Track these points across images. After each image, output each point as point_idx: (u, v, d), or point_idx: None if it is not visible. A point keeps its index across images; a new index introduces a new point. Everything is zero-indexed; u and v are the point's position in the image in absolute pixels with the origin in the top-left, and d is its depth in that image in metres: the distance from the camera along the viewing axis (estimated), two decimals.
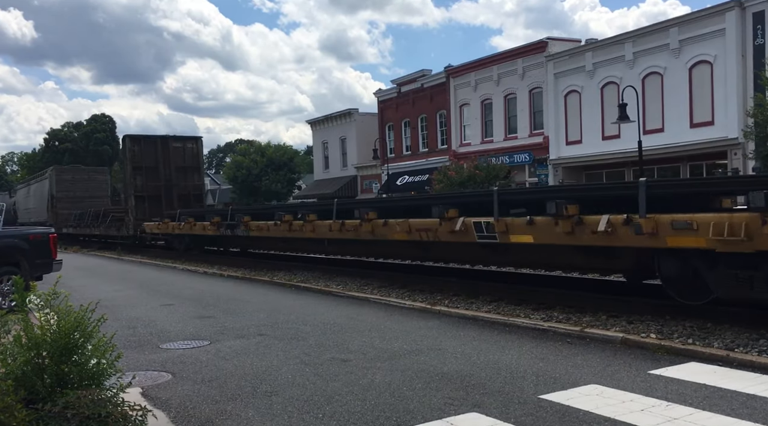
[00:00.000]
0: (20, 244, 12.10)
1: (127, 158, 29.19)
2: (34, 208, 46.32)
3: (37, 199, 45.18)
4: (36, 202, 45.64)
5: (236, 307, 11.33)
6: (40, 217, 42.87)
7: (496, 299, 10.39)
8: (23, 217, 50.19)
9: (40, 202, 44.06)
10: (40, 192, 43.82)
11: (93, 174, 44.18)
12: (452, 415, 5.05)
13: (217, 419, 5.23)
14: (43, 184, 43.45)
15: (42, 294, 4.67)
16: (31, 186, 49.02)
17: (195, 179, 30.40)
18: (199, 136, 31.51)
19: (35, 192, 46.31)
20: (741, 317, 7.76)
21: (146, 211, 27.72)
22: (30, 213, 47.75)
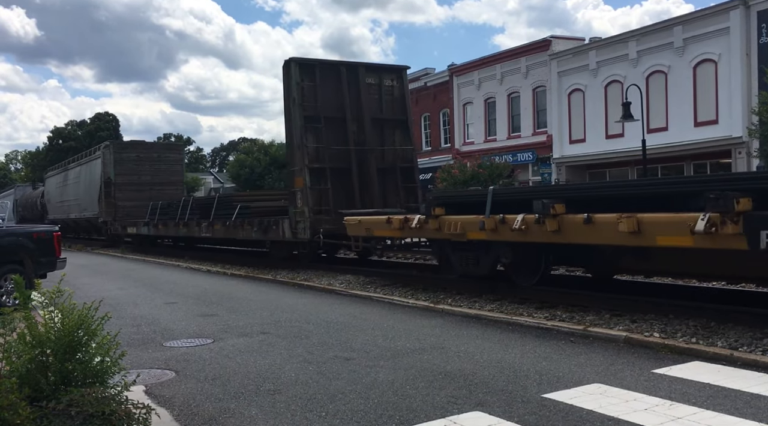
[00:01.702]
0: (24, 243, 12.13)
1: (293, 100, 16.11)
2: (77, 199, 35.60)
3: (83, 187, 34.44)
4: (81, 192, 34.90)
5: (239, 306, 11.34)
6: (87, 211, 33.32)
7: (499, 298, 10.38)
8: (57, 213, 39.35)
9: (87, 192, 33.45)
10: (88, 177, 33.58)
11: (164, 152, 33.37)
12: (455, 414, 5.05)
13: (220, 417, 5.23)
14: (93, 166, 32.73)
15: (46, 292, 4.68)
16: (70, 171, 37.85)
17: (400, 140, 17.57)
18: (404, 65, 18.33)
19: (79, 178, 35.47)
20: (745, 316, 7.74)
21: (327, 198, 16.00)
22: (69, 207, 37.24)
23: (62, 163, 41.67)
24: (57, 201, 40.32)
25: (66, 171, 38.97)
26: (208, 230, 20.87)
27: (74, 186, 36.27)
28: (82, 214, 34.52)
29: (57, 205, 40.23)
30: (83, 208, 34.07)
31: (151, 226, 25.94)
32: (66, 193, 38.39)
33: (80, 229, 38.10)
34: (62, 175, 39.84)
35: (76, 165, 36.43)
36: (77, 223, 36.90)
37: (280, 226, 16.65)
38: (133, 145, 32.93)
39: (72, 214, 36.70)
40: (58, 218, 38.42)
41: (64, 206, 38.40)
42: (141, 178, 31.09)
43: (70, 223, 37.67)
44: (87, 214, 33.49)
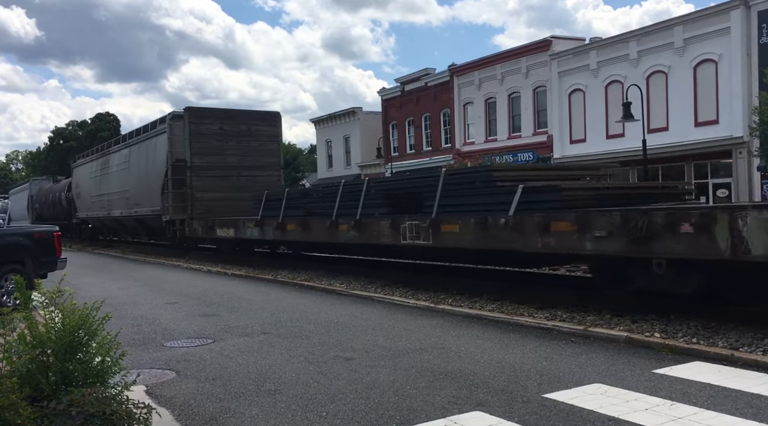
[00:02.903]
0: (25, 243, 12.14)
1: None
2: (124, 191, 26.89)
3: (136, 174, 25.84)
4: (131, 181, 26.25)
5: (240, 306, 11.34)
6: (141, 207, 24.84)
7: (499, 298, 10.38)
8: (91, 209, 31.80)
9: (142, 181, 24.88)
10: (144, 162, 25.04)
11: (256, 123, 23.53)
12: (456, 414, 5.05)
13: (221, 417, 5.23)
14: (153, 146, 24.10)
15: (46, 292, 4.68)
16: (112, 155, 29.00)
17: None
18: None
19: (128, 163, 26.86)
20: (745, 316, 7.75)
21: None
22: (112, 201, 28.41)
23: (100, 147, 32.01)
24: (92, 195, 31.70)
25: (106, 156, 29.88)
26: (494, 231, 9.95)
27: (120, 174, 27.51)
28: (132, 210, 26.06)
29: (91, 200, 31.68)
30: (135, 202, 25.69)
31: (272, 227, 16.76)
32: (106, 184, 29.42)
33: (126, 231, 30.14)
34: (100, 161, 30.60)
35: (124, 146, 27.55)
36: (122, 223, 28.97)
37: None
38: (214, 114, 23.40)
39: (116, 210, 28.04)
40: (91, 216, 32.31)
41: (103, 201, 29.79)
42: (226, 160, 22.49)
43: (111, 223, 30.85)
44: (142, 210, 24.91)
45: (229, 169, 22.66)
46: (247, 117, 23.89)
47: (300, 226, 15.51)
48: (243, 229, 18.45)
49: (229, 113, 23.95)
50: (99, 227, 34.72)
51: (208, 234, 21.09)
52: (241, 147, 22.95)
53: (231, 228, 19.37)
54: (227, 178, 22.58)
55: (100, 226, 33.44)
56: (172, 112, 23.61)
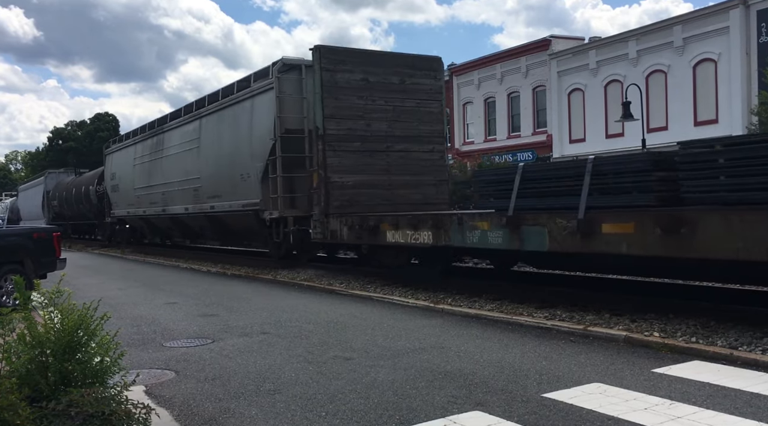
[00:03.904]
0: (24, 243, 12.14)
1: None
2: (193, 179, 20.30)
3: (213, 155, 19.19)
4: (207, 164, 19.64)
5: (239, 306, 11.34)
6: (223, 199, 18.52)
7: (499, 298, 10.38)
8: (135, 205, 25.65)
9: (224, 165, 18.53)
10: (228, 135, 18.51)
11: (411, 74, 15.82)
12: (455, 414, 5.05)
13: (220, 417, 5.23)
14: (246, 110, 17.61)
15: (46, 292, 4.67)
16: (168, 133, 22.58)
17: None
18: None
19: (198, 141, 20.19)
20: (745, 315, 7.75)
21: None
22: (169, 195, 22.21)
23: (149, 125, 24.48)
24: (136, 187, 25.02)
25: (158, 135, 23.12)
26: None
27: (185, 157, 20.62)
28: (206, 205, 19.33)
29: (135, 194, 25.04)
30: (211, 193, 19.02)
31: (556, 229, 8.90)
32: (159, 171, 22.84)
33: (190, 233, 23.61)
34: (149, 143, 23.98)
35: (191, 118, 20.52)
36: (184, 222, 22.14)
37: None
38: (354, 56, 15.41)
39: (176, 206, 21.55)
40: (134, 214, 25.75)
41: (154, 194, 23.31)
42: (371, 128, 15.01)
43: (164, 223, 24.04)
44: (222, 204, 18.33)
45: (375, 141, 14.79)
46: (398, 63, 15.69)
47: (655, 227, 7.67)
48: (459, 231, 10.63)
49: (373, 57, 15.75)
50: (143, 228, 27.41)
51: (361, 238, 13.44)
52: (391, 108, 15.12)
53: (425, 229, 11.53)
54: (373, 155, 14.82)
55: (145, 226, 26.56)
56: (280, 59, 16.23)
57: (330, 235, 14.30)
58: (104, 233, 32.94)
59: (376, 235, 12.83)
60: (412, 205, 14.57)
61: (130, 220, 28.28)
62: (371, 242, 13.39)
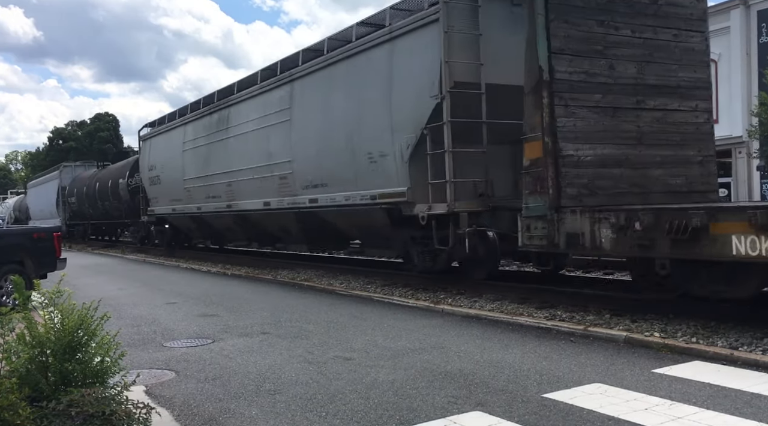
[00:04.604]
0: (24, 243, 12.14)
1: None
2: (275, 166, 15.74)
3: (320, 129, 13.99)
4: (306, 144, 14.56)
5: (240, 306, 11.34)
6: (342, 188, 13.33)
7: (499, 298, 10.37)
8: (182, 200, 21.26)
9: (339, 142, 13.33)
10: (350, 98, 13.15)
11: None
12: (456, 414, 5.05)
13: (220, 417, 5.23)
14: (384, 59, 12.19)
15: (46, 292, 4.67)
16: (234, 106, 17.87)
17: None
18: None
19: (292, 110, 15.03)
20: (745, 316, 7.74)
21: None
22: (234, 185, 17.90)
23: (206, 99, 19.55)
24: (186, 177, 20.52)
25: (218, 111, 18.31)
26: None
27: (265, 136, 16.06)
28: (301, 199, 14.73)
29: (185, 187, 20.56)
30: (309, 182, 14.44)
31: None
32: (223, 156, 18.12)
33: (259, 234, 18.75)
34: (203, 122, 19.34)
35: (279, 82, 15.55)
36: (258, 223, 17.55)
37: None
38: None
39: (250, 199, 16.92)
40: (181, 211, 21.11)
41: (214, 186, 18.65)
42: (615, 71, 9.42)
43: (223, 224, 19.68)
44: (334, 195, 13.64)
45: (620, 93, 9.57)
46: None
47: None
48: None
49: None
50: (190, 229, 22.44)
51: (654, 248, 7.84)
52: (640, 41, 9.75)
53: None
54: (617, 114, 9.49)
55: (195, 227, 21.61)
56: None
57: (565, 242, 8.80)
58: (136, 235, 28.65)
59: (700, 243, 7.24)
60: (671, 194, 9.67)
61: (174, 218, 22.77)
62: (683, 255, 7.64)
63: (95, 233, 37.22)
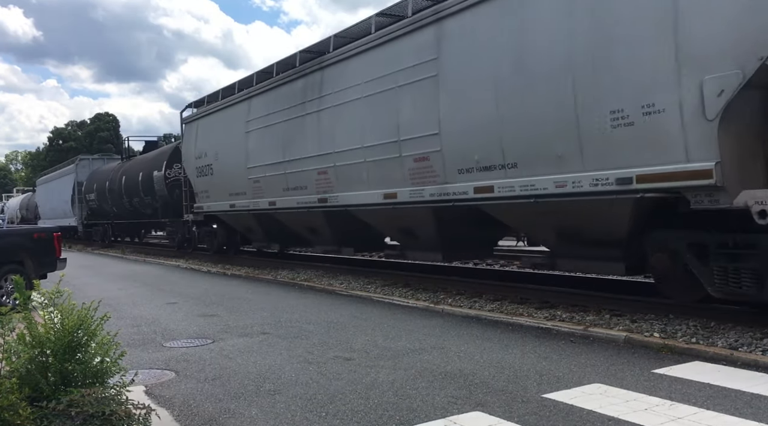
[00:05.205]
0: (24, 243, 12.15)
1: None
2: (447, 139, 10.24)
3: (529, 83, 8.89)
4: (485, 109, 9.53)
5: (240, 306, 11.34)
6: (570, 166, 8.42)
7: (499, 298, 10.38)
8: (246, 194, 16.85)
9: (567, 92, 8.32)
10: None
11: None
12: (455, 414, 5.05)
13: (220, 417, 5.23)
14: None
15: (46, 292, 4.67)
16: (382, 48, 11.83)
17: None
18: None
19: (447, 64, 10.23)
20: (745, 316, 7.75)
21: None
22: (331, 173, 13.18)
23: (283, 63, 15.53)
24: (253, 165, 16.36)
25: (310, 73, 14.19)
26: None
27: (392, 101, 11.52)
28: (456, 188, 10.30)
29: (251, 177, 16.46)
30: (471, 163, 10.01)
31: None
32: (313, 135, 13.87)
33: (359, 238, 14.61)
34: (285, 91, 15.12)
35: (414, 24, 11.11)
36: (363, 222, 13.36)
37: None
38: None
39: (360, 191, 12.57)
40: (247, 209, 16.93)
41: (297, 176, 14.57)
42: None
43: (302, 224, 15.45)
44: (522, 181, 9.15)
45: None
46: None
47: None
48: None
49: None
50: (250, 230, 18.43)
51: None
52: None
53: None
54: None
55: (259, 227, 17.55)
56: None
57: None
58: (175, 236, 24.10)
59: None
60: None
61: (230, 217, 18.76)
62: None
63: (120, 234, 33.44)
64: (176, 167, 22.74)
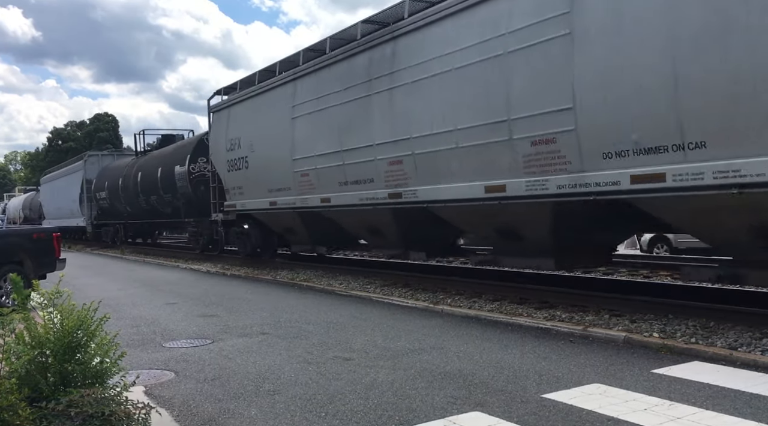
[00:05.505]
0: (23, 243, 12.14)
1: None
2: (589, 113, 7.93)
3: None
4: None
5: (239, 306, 11.34)
6: None
7: (498, 298, 10.39)
8: (299, 189, 13.92)
9: None
10: None
11: None
12: (455, 414, 5.05)
13: (220, 418, 5.24)
14: None
15: (45, 293, 4.67)
16: (488, 5, 9.39)
17: None
18: None
19: None
20: (744, 316, 7.76)
21: None
22: (446, 155, 10.08)
23: (338, 38, 13.31)
24: (300, 156, 14.16)
25: (378, 46, 11.83)
26: None
27: (483, 76, 9.52)
28: (595, 174, 8.08)
29: (297, 170, 14.28)
30: (646, 142, 7.44)
31: None
32: (380, 118, 11.64)
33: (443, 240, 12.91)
34: (343, 68, 12.82)
35: None
36: (465, 222, 11.14)
37: None
38: None
39: (448, 183, 10.38)
40: (295, 206, 14.68)
41: (361, 168, 12.29)
42: None
43: (365, 225, 13.31)
44: None
45: None
46: None
47: None
48: None
49: None
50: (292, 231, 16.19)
51: None
52: None
53: None
54: None
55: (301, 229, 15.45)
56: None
57: None
58: (199, 238, 22.25)
59: None
60: None
61: (269, 216, 16.52)
62: None
63: (131, 235, 31.59)
64: (201, 161, 20.86)
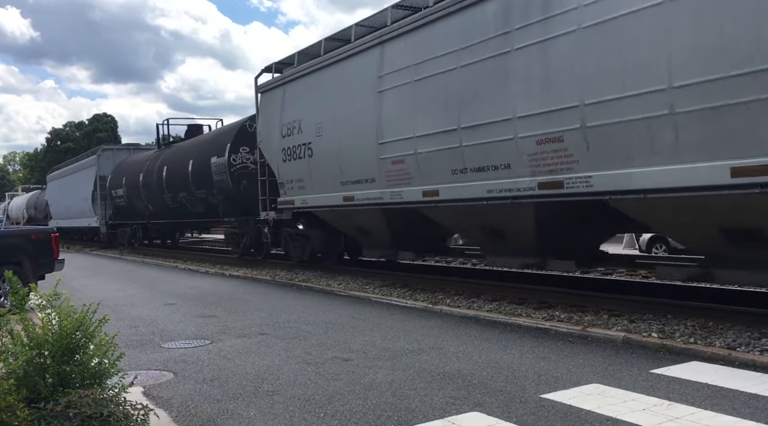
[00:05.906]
0: (22, 244, 12.13)
1: None
2: None
3: None
4: None
5: (238, 307, 11.33)
6: None
7: (497, 298, 10.39)
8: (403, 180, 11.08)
9: None
10: None
11: None
12: (454, 415, 5.05)
13: (218, 418, 5.23)
14: None
15: (43, 294, 4.67)
16: None
17: None
18: None
19: None
20: (743, 316, 7.76)
21: None
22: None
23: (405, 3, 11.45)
24: (388, 140, 11.47)
25: None
26: None
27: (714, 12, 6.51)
28: None
29: (383, 157, 11.59)
30: None
31: None
32: (528, 84, 8.81)
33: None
34: (447, 26, 10.11)
35: None
36: (675, 222, 8.09)
37: None
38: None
39: (641, 167, 7.55)
40: (382, 202, 11.95)
41: (490, 149, 9.46)
42: None
43: (485, 224, 10.47)
44: None
45: None
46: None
47: None
48: None
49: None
50: (367, 233, 13.81)
51: None
52: None
53: None
54: None
55: (381, 229, 13.10)
56: None
57: None
58: (240, 240, 19.20)
59: None
60: None
61: (339, 215, 13.93)
62: None
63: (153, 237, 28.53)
64: (243, 151, 18.10)
